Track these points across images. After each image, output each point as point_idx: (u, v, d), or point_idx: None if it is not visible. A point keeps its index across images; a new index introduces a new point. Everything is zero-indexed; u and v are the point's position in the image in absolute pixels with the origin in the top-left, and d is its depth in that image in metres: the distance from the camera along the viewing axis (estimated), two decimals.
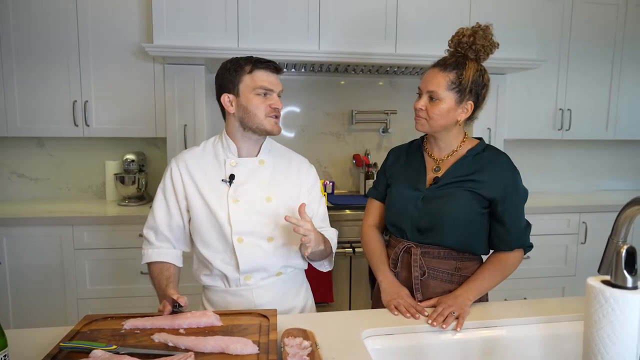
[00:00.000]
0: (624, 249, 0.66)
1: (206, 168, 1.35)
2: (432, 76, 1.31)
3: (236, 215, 1.30)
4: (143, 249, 1.39)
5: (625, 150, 3.52)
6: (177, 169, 1.35)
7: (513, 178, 1.31)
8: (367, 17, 2.51)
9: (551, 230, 2.80)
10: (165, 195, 1.36)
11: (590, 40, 3.01)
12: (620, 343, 0.63)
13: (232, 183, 1.31)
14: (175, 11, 2.34)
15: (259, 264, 1.32)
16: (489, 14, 2.58)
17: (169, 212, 1.35)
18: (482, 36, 1.30)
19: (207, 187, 1.32)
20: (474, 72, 1.30)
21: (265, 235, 1.32)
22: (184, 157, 1.37)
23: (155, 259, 1.35)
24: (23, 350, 1.00)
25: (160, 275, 1.31)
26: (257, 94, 1.30)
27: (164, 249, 1.37)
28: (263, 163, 1.37)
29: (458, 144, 1.37)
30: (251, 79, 1.30)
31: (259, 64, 1.31)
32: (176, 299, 1.13)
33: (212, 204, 1.30)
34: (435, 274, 1.33)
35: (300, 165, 1.44)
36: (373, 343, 1.12)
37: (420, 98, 1.33)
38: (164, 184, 1.37)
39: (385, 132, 3.08)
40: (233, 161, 1.34)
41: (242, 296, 1.34)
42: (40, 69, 2.46)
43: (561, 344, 1.19)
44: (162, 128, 2.58)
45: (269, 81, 1.31)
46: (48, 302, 2.35)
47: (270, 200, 1.33)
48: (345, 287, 2.50)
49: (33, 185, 2.83)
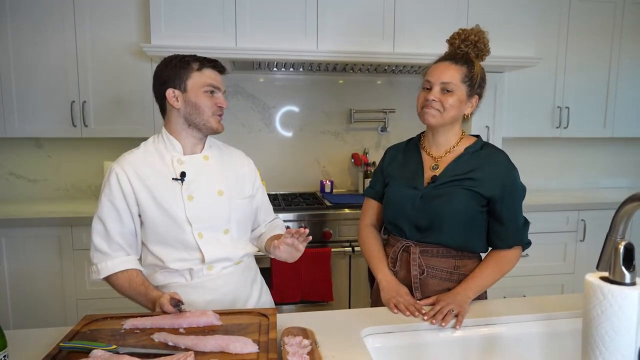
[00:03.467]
0: (622, 245, 0.67)
1: (153, 168, 1.32)
2: (444, 68, 1.31)
3: (193, 211, 1.30)
4: (96, 263, 1.30)
5: (623, 148, 3.53)
6: (124, 173, 1.29)
7: (511, 176, 1.31)
8: (365, 16, 2.51)
9: (550, 227, 2.80)
10: (113, 202, 1.29)
11: (588, 38, 3.01)
12: (619, 339, 0.64)
13: (184, 181, 1.32)
14: (173, 11, 2.33)
15: (223, 254, 1.34)
16: (487, 12, 2.59)
17: (120, 220, 1.29)
18: (484, 37, 1.34)
19: (158, 188, 1.29)
20: (481, 69, 1.34)
21: (221, 228, 1.35)
22: (127, 160, 1.32)
23: (117, 269, 1.29)
24: (23, 351, 1.00)
25: (132, 282, 1.28)
26: (205, 91, 1.32)
27: (122, 257, 1.31)
28: (207, 158, 1.38)
29: (456, 141, 1.38)
30: (199, 76, 1.32)
31: (207, 62, 1.33)
32: (177, 297, 1.14)
33: (166, 204, 1.29)
34: (434, 272, 1.34)
35: (241, 158, 1.50)
36: (373, 341, 1.12)
37: (431, 90, 1.32)
38: (110, 191, 1.29)
39: (383, 131, 3.08)
40: (179, 159, 1.34)
41: (205, 287, 1.33)
42: (38, 70, 2.46)
43: (560, 341, 1.19)
44: (160, 128, 2.56)
45: (217, 80, 1.34)
46: (47, 303, 2.35)
47: (222, 194, 1.36)
48: (344, 286, 2.50)
49: (31, 186, 2.83)
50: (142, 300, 1.27)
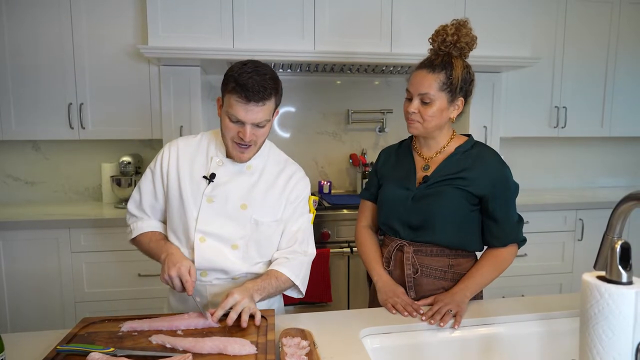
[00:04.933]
0: (619, 244, 0.67)
1: (194, 161, 1.32)
2: (421, 78, 1.29)
3: (205, 214, 1.27)
4: (130, 224, 1.37)
5: (620, 147, 3.54)
6: (168, 154, 1.33)
7: (502, 173, 1.31)
8: (362, 17, 2.51)
9: (548, 227, 2.80)
10: (154, 176, 1.34)
11: (585, 38, 3.02)
12: (616, 338, 0.64)
13: (212, 182, 1.29)
14: (170, 12, 2.33)
15: (216, 266, 1.27)
16: (484, 11, 2.59)
17: (155, 194, 1.34)
18: (465, 33, 1.30)
19: (187, 180, 1.30)
20: (462, 70, 1.30)
21: (231, 241, 1.28)
22: (178, 144, 1.35)
23: (146, 229, 1.34)
24: (20, 354, 1.00)
25: (152, 238, 1.32)
26: (229, 116, 1.21)
27: (151, 220, 1.37)
28: (250, 168, 1.32)
29: (447, 141, 1.38)
30: (228, 98, 1.20)
31: (240, 88, 1.16)
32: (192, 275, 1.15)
33: (186, 198, 1.28)
34: (428, 271, 1.34)
35: (290, 177, 1.35)
36: (371, 342, 1.12)
37: (412, 102, 1.31)
38: (154, 165, 1.34)
39: (381, 131, 3.08)
40: (220, 160, 1.31)
41: (197, 290, 1.28)
42: (35, 72, 2.45)
43: (558, 340, 1.19)
44: (157, 130, 2.57)
45: (241, 113, 1.18)
46: (45, 306, 2.34)
47: (245, 208, 1.28)
48: (343, 287, 2.50)
49: (29, 189, 2.82)
50: (158, 252, 1.28)
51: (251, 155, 1.30)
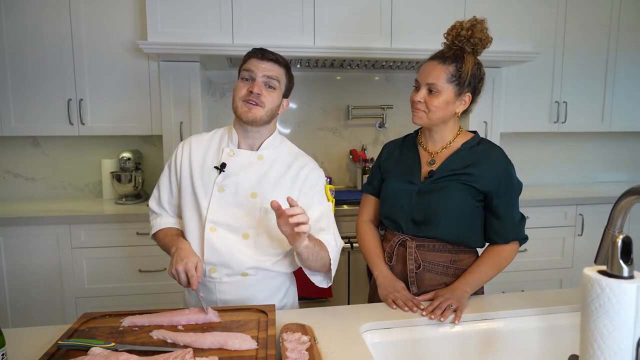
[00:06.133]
0: (620, 238, 0.66)
1: (207, 153, 1.35)
2: (431, 68, 1.31)
3: (216, 203, 1.28)
4: (151, 220, 1.43)
5: (620, 142, 3.53)
6: (182, 150, 1.38)
7: (507, 171, 1.31)
8: (362, 12, 2.50)
9: (548, 222, 2.80)
10: (169, 173, 1.39)
11: (585, 33, 3.01)
12: (617, 332, 0.64)
13: (223, 172, 1.30)
14: (169, 8, 2.32)
15: (225, 259, 1.27)
16: (484, 6, 2.58)
17: (170, 190, 1.39)
18: (480, 29, 1.30)
19: (198, 172, 1.32)
20: (472, 65, 1.31)
21: (241, 230, 1.28)
22: (191, 140, 1.39)
23: (163, 226, 1.39)
24: (21, 349, 1.00)
25: (168, 233, 1.35)
26: (243, 77, 1.29)
27: (170, 217, 1.41)
28: (262, 158, 1.32)
29: (453, 137, 1.38)
30: (244, 64, 1.31)
31: (256, 49, 1.31)
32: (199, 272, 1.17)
33: (197, 188, 1.31)
34: (430, 266, 1.34)
35: (302, 168, 1.34)
36: (372, 337, 1.12)
37: (419, 90, 1.32)
38: (170, 162, 1.39)
39: (381, 126, 3.08)
40: (231, 151, 1.33)
41: (206, 288, 1.31)
42: (34, 68, 2.44)
43: (558, 335, 1.19)
44: (158, 126, 2.57)
45: (254, 64, 1.28)
46: (46, 301, 2.35)
47: (256, 197, 1.28)
48: (343, 282, 2.51)
49: (29, 185, 2.82)
50: (170, 246, 1.30)
51: (258, 116, 1.27)
